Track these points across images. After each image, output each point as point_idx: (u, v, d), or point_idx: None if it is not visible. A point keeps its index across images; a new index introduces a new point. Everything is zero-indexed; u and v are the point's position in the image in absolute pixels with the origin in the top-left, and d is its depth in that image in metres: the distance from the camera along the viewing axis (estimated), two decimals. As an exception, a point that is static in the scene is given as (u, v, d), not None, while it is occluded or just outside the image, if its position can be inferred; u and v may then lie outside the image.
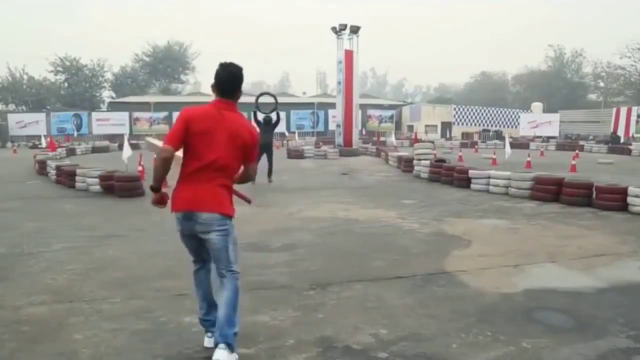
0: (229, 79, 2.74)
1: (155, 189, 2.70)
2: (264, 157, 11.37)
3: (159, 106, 37.64)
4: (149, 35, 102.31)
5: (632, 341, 2.98)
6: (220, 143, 2.66)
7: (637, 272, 4.52)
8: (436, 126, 40.16)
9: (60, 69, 47.54)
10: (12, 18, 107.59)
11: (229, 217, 2.71)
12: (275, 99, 11.75)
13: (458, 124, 40.75)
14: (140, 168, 10.62)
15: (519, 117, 40.33)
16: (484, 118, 41.73)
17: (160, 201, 2.72)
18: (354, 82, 23.33)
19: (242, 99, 2.94)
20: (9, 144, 32.31)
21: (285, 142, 28.59)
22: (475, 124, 40.81)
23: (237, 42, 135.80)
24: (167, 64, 53.55)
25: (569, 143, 29.23)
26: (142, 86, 52.80)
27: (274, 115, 11.30)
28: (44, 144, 22.61)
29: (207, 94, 51.45)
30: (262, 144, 11.20)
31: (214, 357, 2.54)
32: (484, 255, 4.96)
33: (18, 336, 3.03)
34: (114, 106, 42.14)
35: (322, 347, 2.88)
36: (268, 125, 11.24)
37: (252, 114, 11.10)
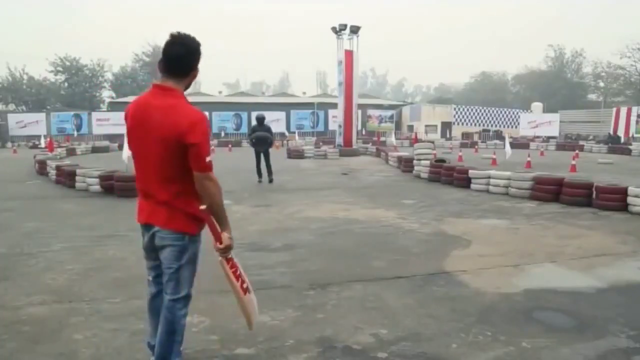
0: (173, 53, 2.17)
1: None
2: (255, 159, 11.43)
3: (159, 106, 37.54)
4: (149, 35, 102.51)
5: (632, 341, 2.98)
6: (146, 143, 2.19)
7: (637, 272, 4.51)
8: (436, 126, 40.15)
9: (60, 69, 47.58)
10: (12, 18, 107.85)
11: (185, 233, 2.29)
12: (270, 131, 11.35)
13: (458, 124, 40.76)
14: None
15: (519, 117, 40.36)
16: (484, 118, 41.74)
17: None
18: (354, 82, 23.32)
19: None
20: (9, 144, 32.32)
21: (285, 142, 28.59)
22: (475, 124, 40.82)
23: (237, 42, 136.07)
24: (167, 63, 53.56)
25: (569, 143, 29.25)
26: (142, 86, 52.79)
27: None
28: (43, 144, 22.61)
29: (207, 93, 51.76)
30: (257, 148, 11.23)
31: None
32: (484, 255, 4.96)
33: (18, 336, 3.03)
34: (114, 106, 42.06)
35: (322, 347, 2.88)
36: (262, 127, 10.96)
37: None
